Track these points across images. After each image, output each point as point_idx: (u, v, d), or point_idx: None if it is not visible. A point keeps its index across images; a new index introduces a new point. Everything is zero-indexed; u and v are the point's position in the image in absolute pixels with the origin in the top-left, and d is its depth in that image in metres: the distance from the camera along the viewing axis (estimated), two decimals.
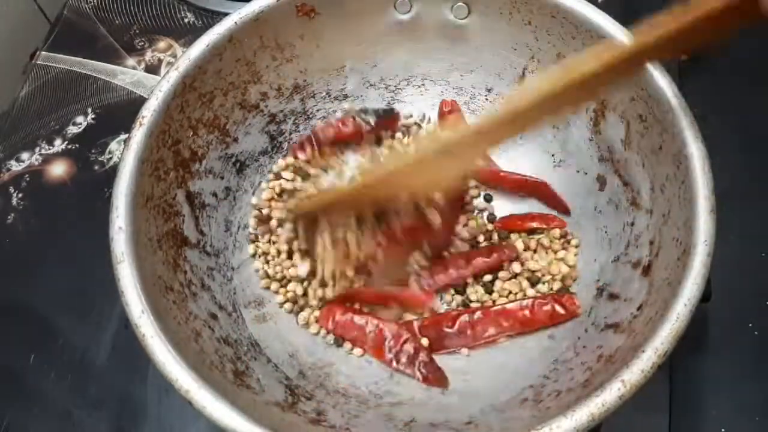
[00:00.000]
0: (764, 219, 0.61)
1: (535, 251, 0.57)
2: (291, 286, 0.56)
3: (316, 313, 0.55)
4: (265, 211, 0.59)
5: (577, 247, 0.56)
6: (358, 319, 0.54)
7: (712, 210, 0.44)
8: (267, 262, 0.57)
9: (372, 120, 0.60)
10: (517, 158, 0.60)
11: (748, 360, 0.56)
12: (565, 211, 0.58)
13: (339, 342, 0.54)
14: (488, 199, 0.60)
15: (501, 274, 0.56)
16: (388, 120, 0.61)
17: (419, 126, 0.63)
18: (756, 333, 0.56)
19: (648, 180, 0.51)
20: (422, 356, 0.52)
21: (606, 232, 0.55)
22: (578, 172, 0.57)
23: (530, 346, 0.52)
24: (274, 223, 0.58)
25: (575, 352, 0.49)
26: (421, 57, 0.61)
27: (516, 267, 0.56)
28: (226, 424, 0.40)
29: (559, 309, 0.52)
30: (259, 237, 0.58)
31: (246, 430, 0.40)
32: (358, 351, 0.53)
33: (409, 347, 0.52)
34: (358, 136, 0.60)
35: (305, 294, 0.56)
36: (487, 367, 0.52)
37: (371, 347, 0.53)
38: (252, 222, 0.59)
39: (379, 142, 0.62)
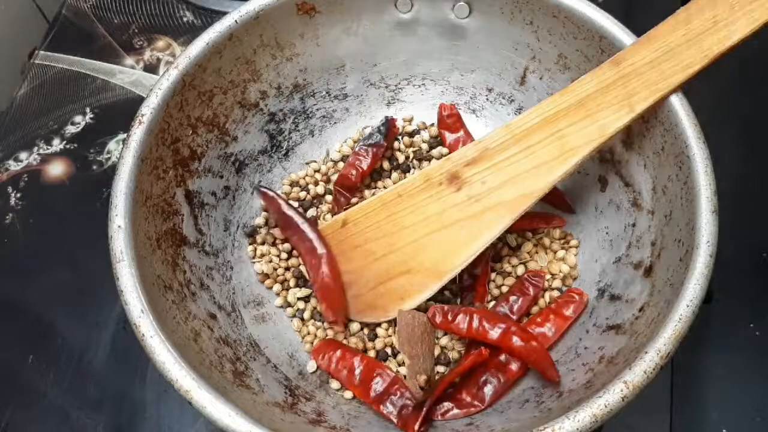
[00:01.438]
0: (765, 219, 0.61)
1: (535, 251, 0.57)
2: (291, 294, 0.56)
3: (312, 328, 0.55)
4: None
5: (577, 247, 0.56)
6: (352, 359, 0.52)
7: (714, 211, 0.44)
8: (270, 261, 0.57)
9: (382, 139, 0.60)
10: None
11: (750, 360, 0.56)
12: (569, 209, 0.57)
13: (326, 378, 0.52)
14: None
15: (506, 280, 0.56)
16: (390, 129, 0.61)
17: (418, 132, 0.63)
18: (757, 333, 0.56)
19: (650, 181, 0.51)
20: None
21: (607, 233, 0.54)
22: (579, 172, 0.57)
23: None
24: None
25: (576, 353, 0.49)
26: (421, 56, 0.61)
27: (520, 269, 0.56)
28: (226, 425, 0.40)
29: (569, 313, 0.52)
30: (258, 238, 0.58)
31: (245, 430, 0.40)
32: (348, 394, 0.52)
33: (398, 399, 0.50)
34: (377, 161, 0.60)
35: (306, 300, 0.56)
36: None
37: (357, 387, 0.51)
38: (260, 221, 0.59)
39: (390, 158, 0.62)
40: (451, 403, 0.49)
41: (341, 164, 0.61)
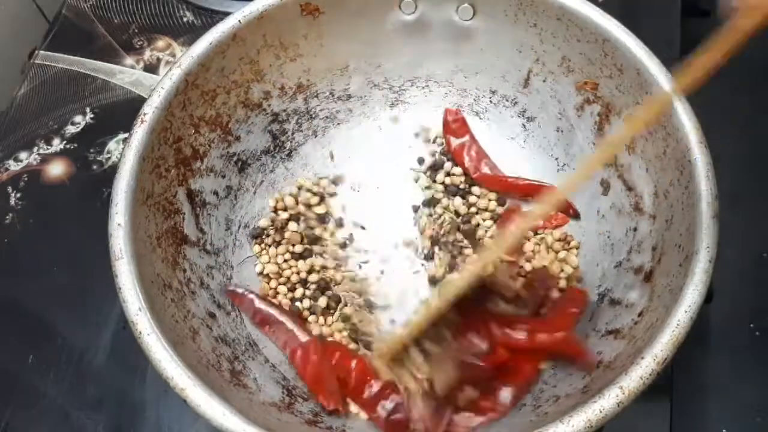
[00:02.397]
0: (765, 219, 0.61)
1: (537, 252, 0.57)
2: (298, 292, 0.56)
3: None
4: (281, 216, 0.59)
5: (577, 248, 0.56)
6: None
7: (714, 216, 0.44)
8: (276, 264, 0.57)
9: None
10: (520, 163, 0.60)
11: (749, 360, 0.56)
12: (575, 214, 0.57)
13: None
14: (502, 203, 0.60)
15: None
16: None
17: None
18: (757, 333, 0.56)
19: (652, 185, 0.51)
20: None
21: (609, 237, 0.54)
22: None
23: None
24: (291, 226, 0.58)
25: None
26: (425, 58, 0.61)
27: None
28: (220, 423, 0.40)
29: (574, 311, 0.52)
30: (265, 240, 0.58)
31: (240, 429, 0.40)
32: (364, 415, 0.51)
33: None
34: None
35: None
36: None
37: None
38: (264, 222, 0.58)
39: None
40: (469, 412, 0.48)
41: None
